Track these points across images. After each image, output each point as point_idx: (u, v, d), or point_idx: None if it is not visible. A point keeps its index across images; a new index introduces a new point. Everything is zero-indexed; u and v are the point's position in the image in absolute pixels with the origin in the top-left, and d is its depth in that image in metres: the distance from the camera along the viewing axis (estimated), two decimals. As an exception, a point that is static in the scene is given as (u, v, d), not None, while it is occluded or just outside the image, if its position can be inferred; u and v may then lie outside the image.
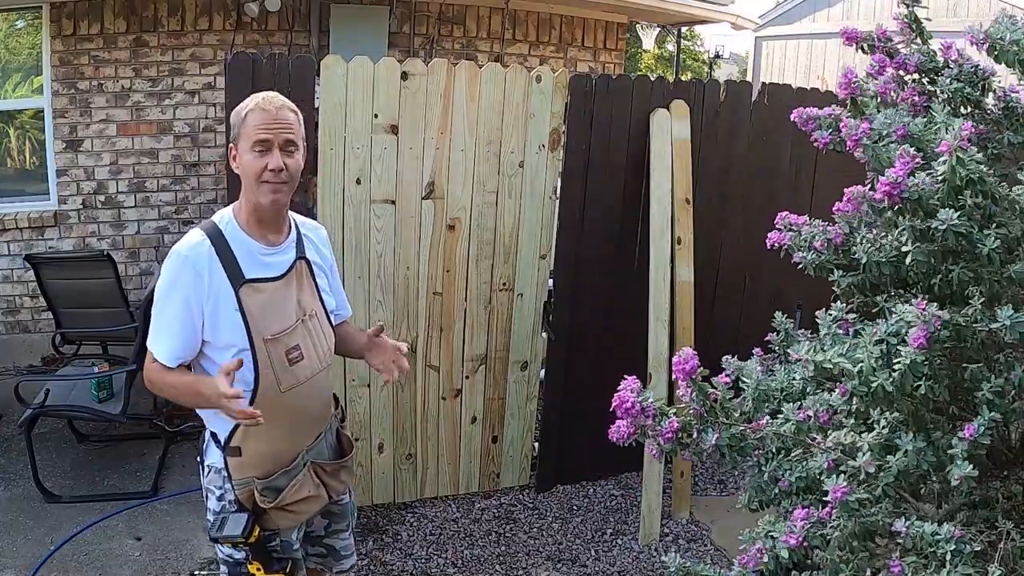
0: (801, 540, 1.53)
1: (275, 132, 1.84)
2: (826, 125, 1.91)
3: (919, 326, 1.45)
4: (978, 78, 1.78)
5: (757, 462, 1.76)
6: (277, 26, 5.32)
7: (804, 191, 3.97)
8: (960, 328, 1.52)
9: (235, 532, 1.90)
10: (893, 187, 1.52)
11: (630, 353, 3.54)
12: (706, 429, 1.69)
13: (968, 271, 1.57)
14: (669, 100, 3.56)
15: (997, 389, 1.50)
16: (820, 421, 1.66)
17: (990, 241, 1.51)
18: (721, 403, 1.70)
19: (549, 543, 3.41)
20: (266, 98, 1.88)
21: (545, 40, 6.13)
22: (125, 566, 3.08)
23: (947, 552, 1.36)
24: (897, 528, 1.43)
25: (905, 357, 1.45)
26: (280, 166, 1.84)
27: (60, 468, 3.77)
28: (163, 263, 1.89)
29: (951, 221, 1.50)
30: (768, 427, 1.67)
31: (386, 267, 3.31)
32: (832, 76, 9.52)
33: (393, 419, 3.48)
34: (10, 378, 4.33)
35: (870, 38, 1.93)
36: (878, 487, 1.50)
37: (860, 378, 1.52)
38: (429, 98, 3.22)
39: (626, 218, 3.64)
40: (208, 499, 1.99)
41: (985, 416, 1.46)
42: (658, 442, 1.68)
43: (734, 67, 17.69)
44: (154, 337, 1.88)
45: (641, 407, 1.67)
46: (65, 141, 4.93)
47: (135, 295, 4.80)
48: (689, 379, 1.67)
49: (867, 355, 1.52)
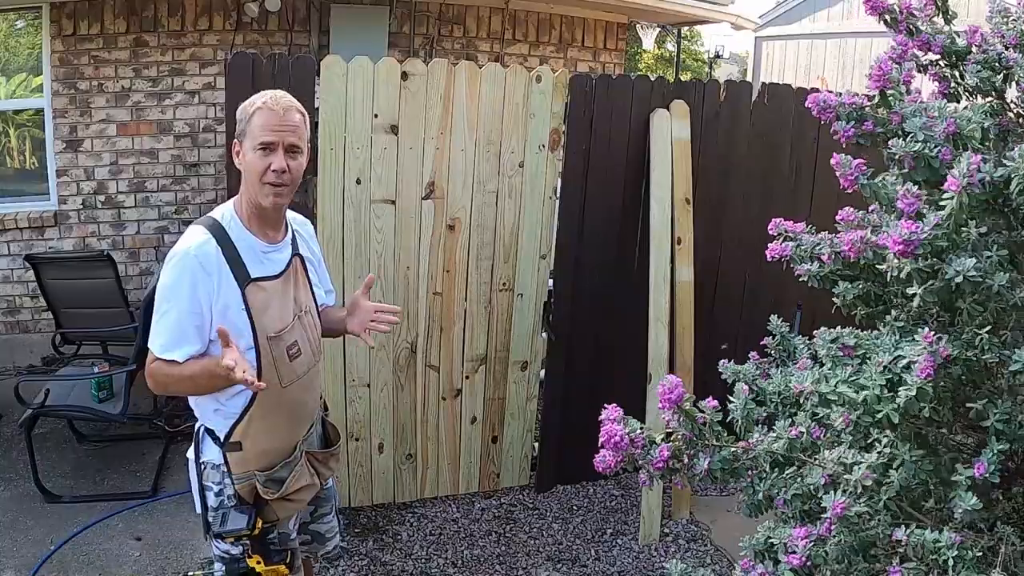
0: (804, 560, 1.51)
1: (281, 134, 1.84)
2: (846, 115, 1.76)
3: (926, 356, 1.42)
4: (1001, 66, 1.71)
5: (751, 483, 1.74)
6: (277, 26, 5.32)
7: (804, 191, 3.97)
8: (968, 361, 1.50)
9: (240, 525, 1.91)
10: (907, 244, 1.45)
11: (630, 353, 3.55)
12: (696, 454, 1.65)
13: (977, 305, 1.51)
14: (669, 100, 3.56)
15: (1004, 416, 1.47)
16: (812, 437, 1.64)
17: (999, 278, 1.45)
18: (710, 426, 1.67)
19: (549, 543, 3.41)
20: (274, 97, 1.87)
21: (545, 40, 6.13)
22: (125, 566, 3.08)
23: (949, 559, 1.35)
24: (897, 537, 1.42)
25: (911, 387, 1.43)
26: (283, 168, 1.84)
27: (60, 468, 3.77)
28: (167, 263, 1.85)
29: (967, 272, 1.43)
30: (760, 445, 1.65)
31: (386, 267, 3.31)
32: (832, 76, 9.52)
33: (393, 419, 3.48)
34: (10, 378, 4.34)
35: (893, 11, 1.80)
36: (880, 501, 1.49)
37: (865, 407, 1.49)
38: (429, 98, 3.22)
39: (626, 218, 3.64)
40: (205, 496, 1.99)
41: (994, 448, 1.44)
42: (648, 471, 1.65)
43: (734, 67, 17.68)
44: (165, 338, 1.82)
45: (630, 439, 1.62)
46: (65, 141, 4.93)
47: (135, 295, 4.80)
48: (676, 407, 1.63)
49: (872, 383, 1.49)
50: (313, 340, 2.05)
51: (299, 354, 1.97)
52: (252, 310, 1.86)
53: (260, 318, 1.87)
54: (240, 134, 1.89)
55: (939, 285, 1.49)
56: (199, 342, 1.84)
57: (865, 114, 1.75)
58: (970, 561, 1.35)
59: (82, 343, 4.39)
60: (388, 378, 3.43)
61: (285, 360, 1.93)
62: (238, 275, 1.85)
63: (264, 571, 1.96)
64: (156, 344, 1.83)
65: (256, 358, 1.87)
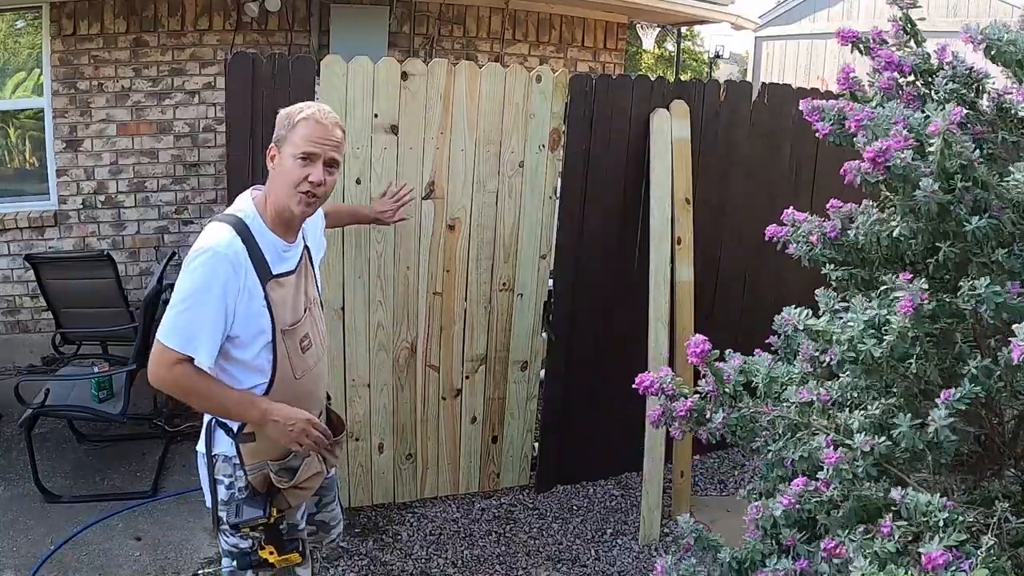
0: (794, 502, 1.60)
1: (323, 148, 1.88)
2: (829, 117, 1.92)
3: (905, 295, 1.51)
4: (972, 79, 1.80)
5: (764, 442, 1.83)
6: (277, 26, 5.32)
7: (804, 191, 3.97)
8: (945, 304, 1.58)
9: (256, 514, 1.92)
10: (879, 155, 1.55)
11: (630, 353, 3.55)
12: (717, 409, 1.80)
13: (956, 250, 1.61)
14: (669, 100, 3.56)
15: (984, 367, 1.53)
16: (822, 400, 1.75)
17: (975, 220, 1.55)
18: (734, 386, 1.82)
19: (549, 543, 3.41)
20: (322, 110, 1.91)
21: (545, 40, 6.13)
22: (125, 566, 3.08)
23: (940, 520, 1.41)
24: (893, 496, 1.48)
25: (894, 324, 1.52)
26: (321, 180, 1.88)
27: (60, 468, 3.77)
28: (193, 258, 1.83)
29: (931, 189, 1.53)
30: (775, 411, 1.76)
31: (386, 267, 3.31)
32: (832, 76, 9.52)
33: (393, 419, 3.48)
34: (10, 378, 4.33)
35: (865, 39, 1.94)
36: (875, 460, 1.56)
37: (850, 344, 1.58)
38: (429, 98, 3.22)
39: (626, 218, 3.64)
40: (216, 489, 1.99)
41: (966, 387, 1.51)
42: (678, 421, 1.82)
43: (734, 67, 17.68)
44: (187, 334, 1.81)
45: (660, 387, 1.81)
46: (65, 141, 4.93)
47: (135, 295, 4.80)
48: (703, 360, 1.79)
49: (856, 322, 1.58)
50: (321, 332, 2.10)
51: (310, 346, 2.02)
52: (272, 305, 1.90)
53: (278, 312, 1.91)
54: (280, 140, 1.91)
55: (919, 224, 1.62)
56: (219, 343, 1.85)
57: (846, 116, 1.83)
58: (960, 524, 1.41)
59: (82, 343, 4.39)
60: (388, 378, 3.43)
61: (298, 352, 1.98)
62: (261, 273, 1.88)
63: (277, 561, 1.97)
64: (169, 335, 1.81)
65: (272, 351, 1.91)
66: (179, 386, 1.84)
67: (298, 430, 1.89)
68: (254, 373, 1.92)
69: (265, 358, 1.91)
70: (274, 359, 1.92)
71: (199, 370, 1.84)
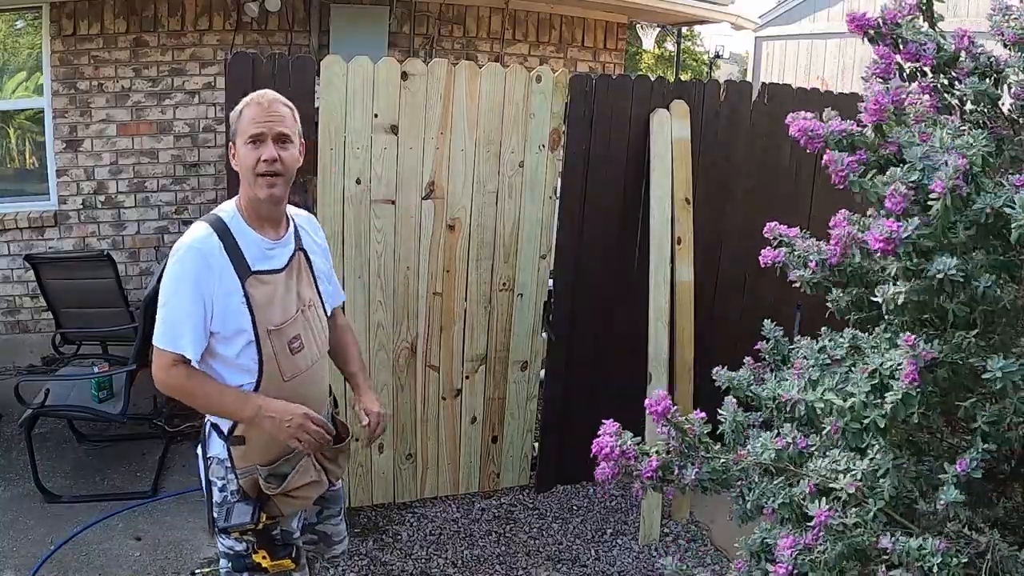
0: (791, 570, 1.53)
1: (268, 125, 1.89)
2: (836, 143, 1.72)
3: (909, 360, 1.44)
4: (992, 70, 1.69)
5: (740, 492, 1.77)
6: (277, 26, 5.32)
7: (805, 191, 3.97)
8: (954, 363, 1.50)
9: (244, 519, 1.91)
10: (888, 242, 1.46)
11: (630, 353, 3.55)
12: (685, 465, 1.72)
13: (964, 307, 1.52)
14: (669, 100, 3.56)
15: (992, 418, 1.47)
16: (799, 447, 1.66)
17: (985, 279, 1.46)
18: (699, 438, 1.73)
19: (549, 543, 3.41)
20: (260, 94, 1.94)
21: (545, 40, 6.13)
22: (125, 566, 3.08)
23: (933, 565, 1.36)
24: (883, 544, 1.44)
25: (896, 392, 1.44)
26: (274, 156, 1.88)
27: (60, 468, 3.77)
28: (170, 257, 1.88)
29: (948, 271, 1.43)
30: (749, 457, 1.69)
31: (386, 267, 3.31)
32: (832, 76, 9.51)
33: (393, 419, 3.48)
34: (10, 378, 4.33)
35: (878, 25, 1.77)
36: (870, 511, 1.49)
37: (852, 414, 1.51)
38: (429, 98, 3.22)
39: (626, 218, 3.64)
40: (212, 491, 2.00)
41: (979, 448, 1.45)
42: (640, 481, 1.72)
43: (734, 67, 17.68)
44: (171, 332, 1.84)
45: (621, 451, 1.70)
46: (65, 141, 4.93)
47: (135, 295, 4.80)
48: (664, 419, 1.70)
49: (859, 391, 1.51)
50: (318, 335, 2.07)
51: (301, 348, 1.99)
52: (253, 302, 1.89)
53: (261, 310, 1.90)
54: (233, 135, 1.94)
55: (922, 284, 1.50)
56: (203, 335, 1.86)
57: (856, 141, 1.72)
58: (955, 567, 1.36)
59: (82, 343, 4.39)
60: (388, 378, 3.42)
61: (287, 353, 1.95)
62: (239, 268, 1.88)
63: (270, 566, 1.97)
64: (159, 337, 1.86)
65: (256, 350, 1.90)
66: (178, 387, 1.88)
67: (295, 425, 1.87)
68: (240, 372, 1.91)
69: (250, 357, 1.90)
70: (260, 359, 1.91)
71: (195, 370, 1.87)
